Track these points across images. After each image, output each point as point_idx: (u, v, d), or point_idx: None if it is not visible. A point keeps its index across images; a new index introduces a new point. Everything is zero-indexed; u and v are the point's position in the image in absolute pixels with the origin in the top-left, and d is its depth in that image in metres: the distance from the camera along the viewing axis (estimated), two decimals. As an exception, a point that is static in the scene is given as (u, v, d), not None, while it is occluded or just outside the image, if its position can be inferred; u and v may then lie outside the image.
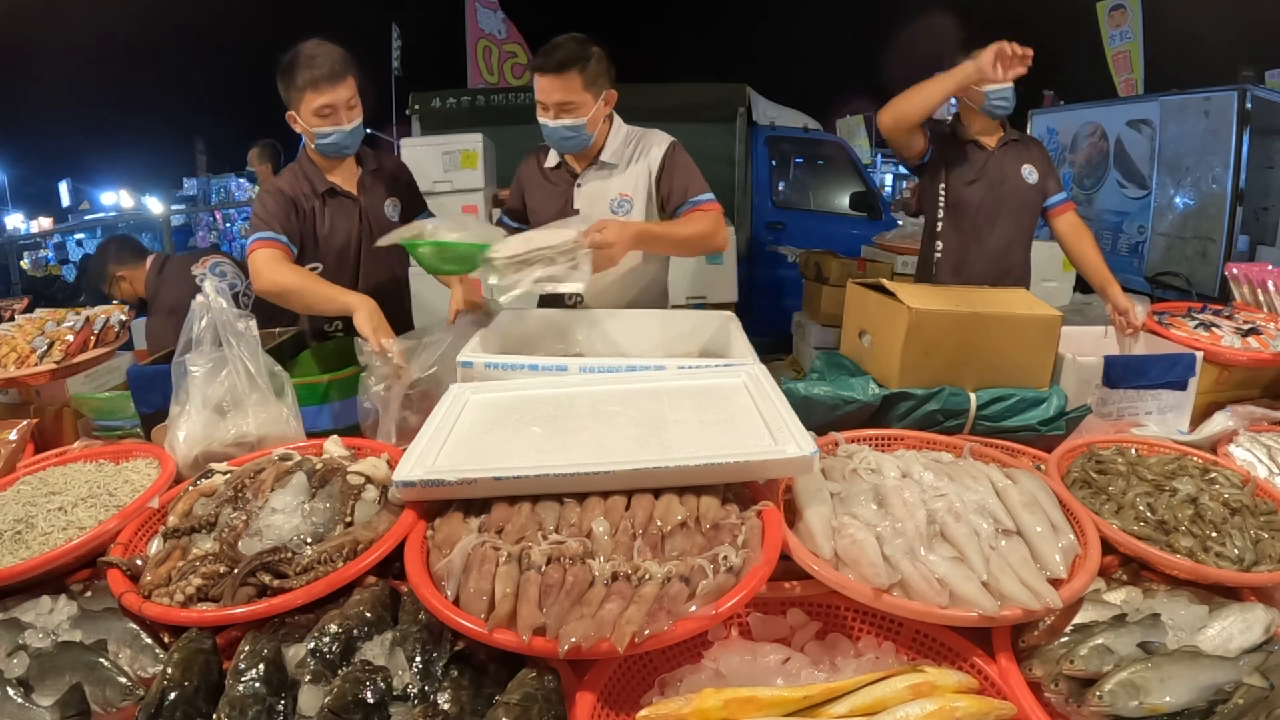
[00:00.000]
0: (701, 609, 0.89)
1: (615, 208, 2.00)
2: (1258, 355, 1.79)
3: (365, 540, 1.07)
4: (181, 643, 0.93)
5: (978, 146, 2.34)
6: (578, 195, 2.02)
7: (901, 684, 0.88)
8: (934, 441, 1.43)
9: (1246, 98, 5.33)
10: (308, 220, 1.98)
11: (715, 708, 0.84)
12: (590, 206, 2.00)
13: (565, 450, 1.15)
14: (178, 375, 1.43)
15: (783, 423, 1.17)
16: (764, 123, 5.62)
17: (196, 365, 1.42)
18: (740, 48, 22.38)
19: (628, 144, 2.03)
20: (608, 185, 2.01)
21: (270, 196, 1.93)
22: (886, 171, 17.08)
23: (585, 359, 1.48)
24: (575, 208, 2.01)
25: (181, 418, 1.41)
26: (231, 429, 1.42)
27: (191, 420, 1.40)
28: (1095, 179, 6.87)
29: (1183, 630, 0.99)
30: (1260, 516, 1.19)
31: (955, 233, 2.37)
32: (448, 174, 3.93)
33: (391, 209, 2.10)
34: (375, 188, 2.08)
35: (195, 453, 1.39)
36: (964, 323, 1.56)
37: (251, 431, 1.42)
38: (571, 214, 2.00)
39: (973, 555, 1.02)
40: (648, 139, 2.04)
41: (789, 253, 5.00)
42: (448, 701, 0.86)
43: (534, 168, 2.12)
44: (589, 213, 1.99)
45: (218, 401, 1.42)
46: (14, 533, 1.17)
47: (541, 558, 0.95)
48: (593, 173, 2.01)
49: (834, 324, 4.03)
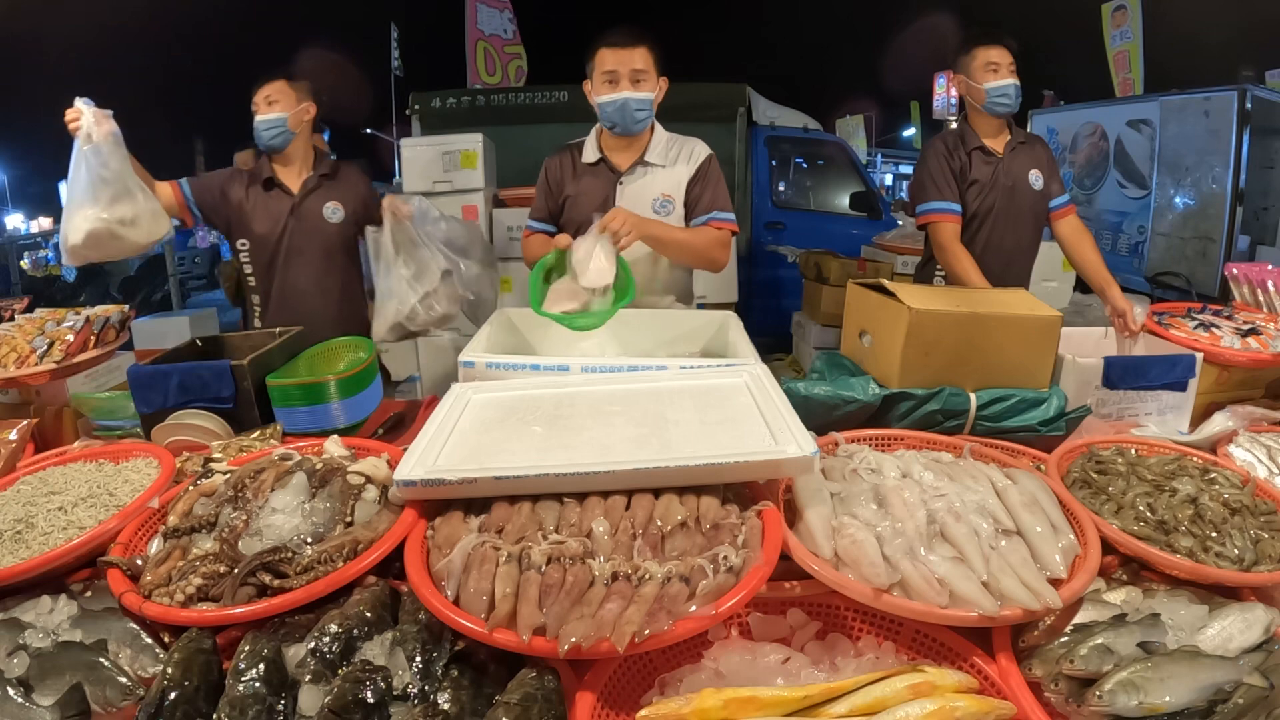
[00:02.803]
0: (701, 609, 0.89)
1: (658, 207, 2.02)
2: (1258, 356, 1.79)
3: (365, 540, 1.07)
4: (182, 642, 0.93)
5: (985, 154, 2.31)
6: (620, 193, 2.02)
7: (901, 684, 0.88)
8: (934, 442, 1.43)
9: (1246, 98, 5.33)
10: (231, 201, 2.30)
11: (715, 707, 0.84)
12: (633, 204, 2.00)
13: (566, 450, 1.15)
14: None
15: (783, 423, 1.17)
16: (764, 123, 5.62)
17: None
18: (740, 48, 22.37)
19: (671, 146, 2.05)
20: (651, 185, 2.02)
21: (215, 173, 2.37)
22: (886, 171, 17.09)
23: (587, 359, 1.48)
24: (617, 205, 2.00)
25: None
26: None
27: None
28: (1095, 179, 6.88)
29: (1183, 630, 0.99)
30: (1260, 516, 1.19)
31: (963, 241, 2.34)
32: (448, 174, 3.93)
33: (332, 211, 2.32)
34: (320, 189, 2.32)
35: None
36: (964, 323, 1.56)
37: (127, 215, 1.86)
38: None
39: (973, 555, 1.02)
40: (689, 144, 2.07)
41: (789, 253, 5.01)
42: (448, 701, 0.86)
43: (568, 164, 2.10)
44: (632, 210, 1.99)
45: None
46: (14, 533, 1.17)
47: (541, 558, 0.95)
48: (638, 170, 2.02)
49: (834, 324, 4.04)
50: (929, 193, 2.31)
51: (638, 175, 2.02)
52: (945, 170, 2.29)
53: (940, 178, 2.29)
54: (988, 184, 2.30)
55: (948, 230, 2.26)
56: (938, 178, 2.29)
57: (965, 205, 2.31)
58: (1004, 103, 2.24)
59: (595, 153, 2.06)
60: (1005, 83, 2.22)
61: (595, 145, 2.06)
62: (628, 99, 1.90)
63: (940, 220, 2.28)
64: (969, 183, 2.30)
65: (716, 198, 2.02)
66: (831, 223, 5.91)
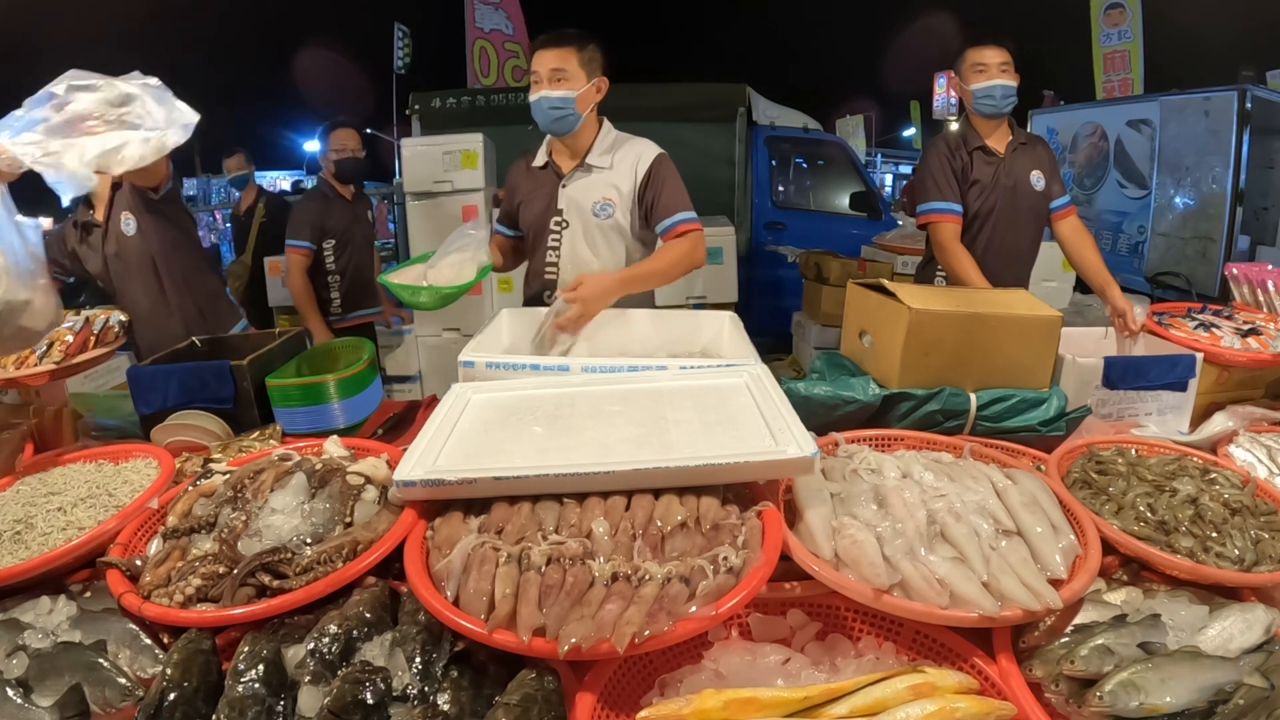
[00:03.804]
0: (701, 609, 0.89)
1: (598, 210, 2.01)
2: (1258, 356, 1.79)
3: (365, 541, 1.07)
4: (181, 643, 0.93)
5: (987, 154, 2.31)
6: (562, 195, 2.02)
7: (902, 684, 0.88)
8: (934, 442, 1.43)
9: (1246, 98, 5.33)
10: (67, 245, 2.40)
11: (715, 708, 0.83)
12: (573, 207, 2.01)
13: (566, 450, 1.15)
14: None
15: (784, 423, 1.17)
16: (764, 123, 5.62)
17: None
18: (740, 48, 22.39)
19: (615, 148, 2.03)
20: (592, 188, 2.01)
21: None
22: (886, 171, 17.10)
23: (587, 359, 1.48)
24: (559, 207, 2.02)
25: None
26: None
27: None
28: (1095, 179, 6.87)
29: (1183, 630, 0.99)
30: (1260, 517, 1.19)
31: (964, 241, 2.34)
32: (448, 174, 3.93)
33: (126, 224, 2.35)
34: (115, 204, 2.34)
35: None
36: (964, 323, 1.56)
37: None
38: (555, 214, 2.03)
39: (973, 556, 1.02)
40: (636, 146, 2.04)
41: (789, 253, 5.01)
42: (447, 702, 0.86)
43: (521, 169, 2.13)
44: (572, 213, 2.01)
45: None
46: (13, 533, 1.17)
47: (541, 558, 0.95)
48: (579, 173, 2.02)
49: (834, 324, 4.04)
50: (930, 193, 2.30)
51: (578, 177, 2.02)
52: (946, 170, 2.29)
53: (941, 178, 2.29)
54: (989, 184, 2.30)
55: (948, 230, 2.26)
56: (939, 178, 2.29)
57: (966, 206, 2.30)
58: (988, 104, 2.23)
59: (544, 156, 2.07)
60: (991, 83, 2.21)
61: (545, 149, 2.07)
62: (542, 97, 1.89)
63: (940, 220, 2.28)
64: (970, 183, 2.30)
65: (674, 200, 1.97)
66: (831, 223, 5.90)
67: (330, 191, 3.36)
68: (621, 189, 2.00)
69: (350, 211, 3.40)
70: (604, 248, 2.03)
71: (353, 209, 3.43)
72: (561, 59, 1.88)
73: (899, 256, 4.39)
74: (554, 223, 2.04)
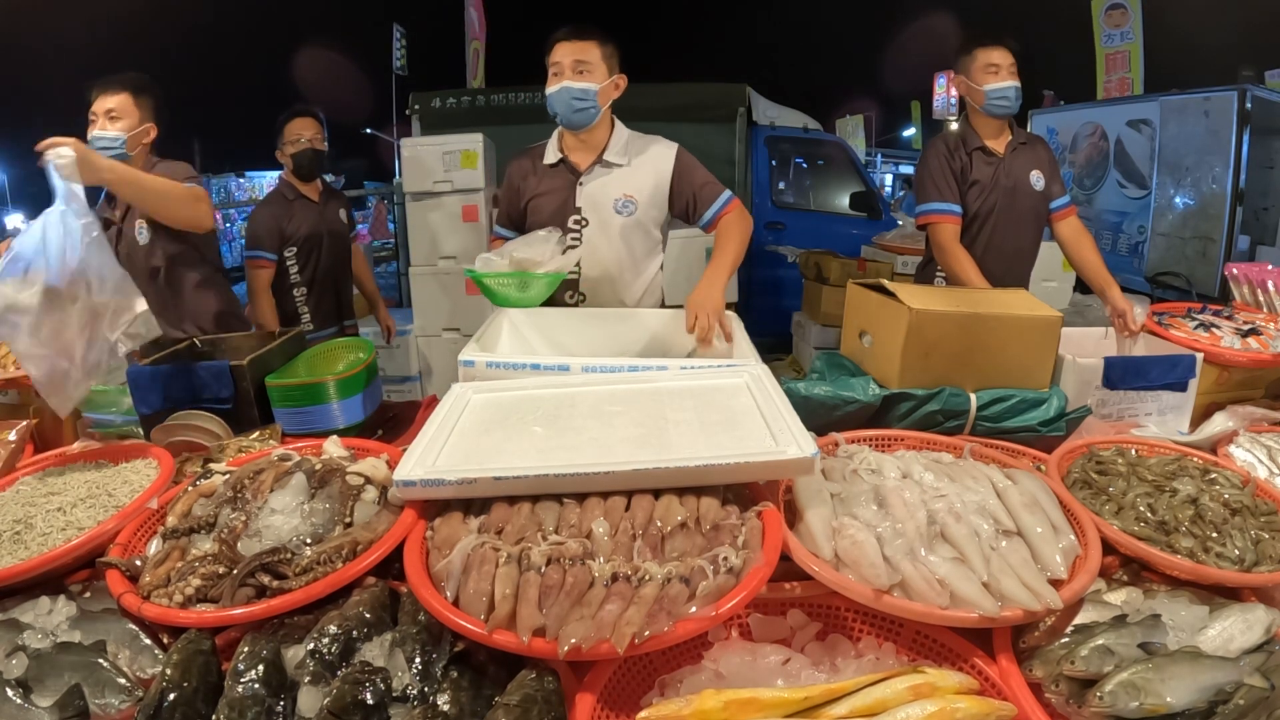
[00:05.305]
0: (701, 610, 0.89)
1: (619, 208, 2.00)
2: (1258, 356, 1.78)
3: (365, 541, 1.07)
4: (180, 644, 0.93)
5: (986, 154, 2.31)
6: (580, 194, 2.01)
7: (902, 685, 0.88)
8: (934, 442, 1.43)
9: (1246, 98, 5.33)
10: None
11: (715, 709, 0.83)
12: (592, 205, 2.00)
13: (566, 450, 1.15)
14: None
15: (784, 424, 1.17)
16: (764, 123, 5.62)
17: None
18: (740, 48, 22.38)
19: (631, 147, 2.03)
20: (611, 185, 2.00)
21: None
22: (886, 171, 17.10)
23: (587, 359, 1.48)
24: (577, 205, 2.00)
25: None
26: None
27: None
28: (1095, 179, 6.87)
29: (1183, 631, 0.99)
30: (1260, 517, 1.19)
31: (964, 242, 2.34)
32: (448, 174, 3.93)
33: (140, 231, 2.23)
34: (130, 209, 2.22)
35: None
36: (964, 323, 1.56)
37: None
38: (573, 211, 2.01)
39: (973, 556, 1.02)
40: (651, 144, 2.04)
41: (789, 253, 5.01)
42: (447, 703, 0.86)
43: (529, 167, 2.09)
44: (591, 210, 2.00)
45: None
46: (13, 533, 1.17)
47: (541, 558, 0.95)
48: (597, 170, 2.00)
49: (834, 324, 4.04)
50: (929, 193, 2.30)
51: (597, 175, 2.00)
52: (946, 171, 2.29)
53: (941, 178, 2.29)
54: (989, 185, 2.29)
55: (947, 231, 2.26)
56: (938, 178, 2.29)
57: (966, 206, 2.30)
58: (1003, 105, 2.23)
59: (556, 154, 2.04)
60: (1005, 84, 2.21)
61: (556, 146, 2.05)
62: (566, 87, 1.88)
63: (940, 221, 2.28)
64: (970, 183, 2.30)
65: (710, 187, 2.00)
66: (831, 223, 5.91)
67: (290, 192, 2.90)
68: (644, 187, 2.00)
69: (316, 213, 2.93)
70: (624, 244, 2.02)
71: (320, 210, 2.94)
72: (585, 51, 1.88)
73: (899, 256, 4.40)
74: (572, 220, 2.01)
